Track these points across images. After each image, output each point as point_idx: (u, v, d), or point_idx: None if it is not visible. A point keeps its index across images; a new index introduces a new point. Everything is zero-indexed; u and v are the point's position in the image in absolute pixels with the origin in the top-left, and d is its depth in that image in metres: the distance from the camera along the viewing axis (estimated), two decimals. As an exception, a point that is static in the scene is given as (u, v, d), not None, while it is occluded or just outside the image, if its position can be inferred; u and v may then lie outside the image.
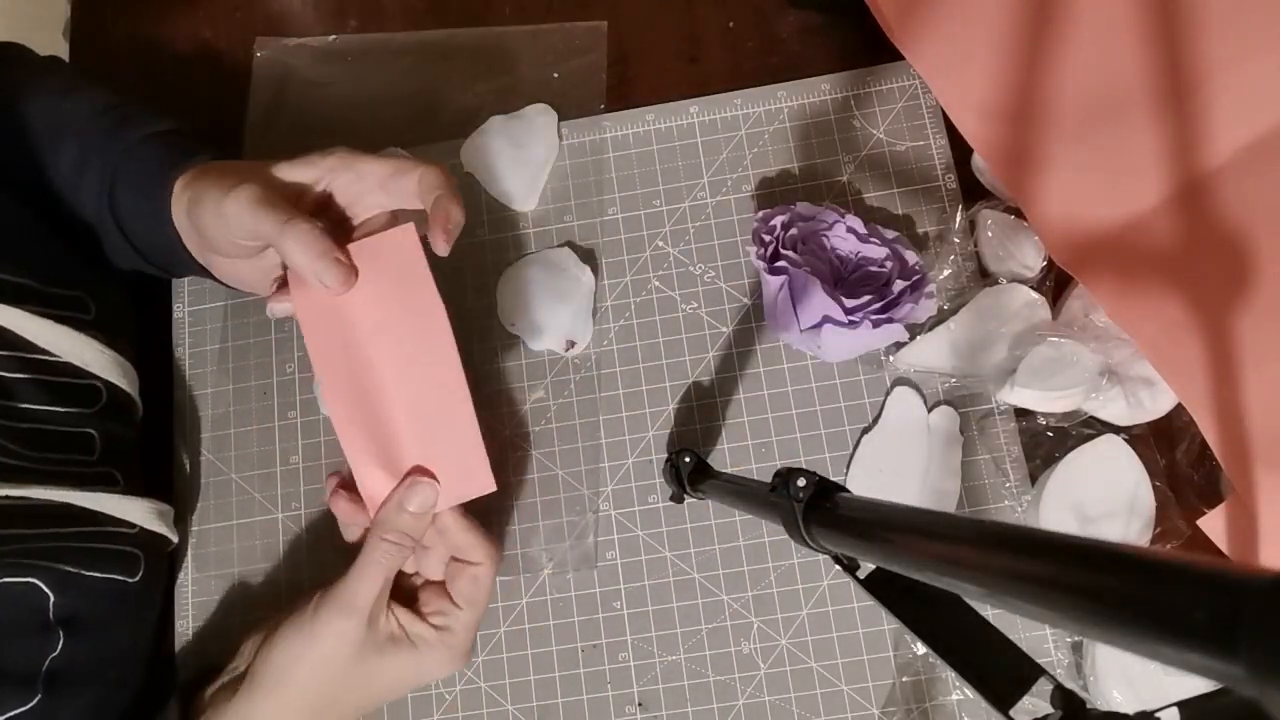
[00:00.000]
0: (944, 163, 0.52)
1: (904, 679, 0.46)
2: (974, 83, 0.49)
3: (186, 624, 0.50)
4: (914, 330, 0.49)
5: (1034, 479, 0.48)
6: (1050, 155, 0.47)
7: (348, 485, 0.43)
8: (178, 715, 0.43)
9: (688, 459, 0.44)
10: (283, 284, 0.43)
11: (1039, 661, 0.26)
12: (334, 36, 0.59)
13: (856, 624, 0.47)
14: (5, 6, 1.38)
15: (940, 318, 0.49)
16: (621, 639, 0.48)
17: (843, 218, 0.49)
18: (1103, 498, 0.45)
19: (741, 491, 0.38)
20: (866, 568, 0.30)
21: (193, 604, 0.50)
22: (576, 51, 0.57)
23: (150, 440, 0.52)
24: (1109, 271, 0.45)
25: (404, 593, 0.44)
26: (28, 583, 0.40)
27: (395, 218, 0.44)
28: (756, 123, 0.54)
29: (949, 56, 0.50)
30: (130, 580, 0.45)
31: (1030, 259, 0.49)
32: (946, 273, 0.50)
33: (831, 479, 0.30)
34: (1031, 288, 0.48)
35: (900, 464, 0.48)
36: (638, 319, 0.52)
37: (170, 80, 0.60)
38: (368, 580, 0.41)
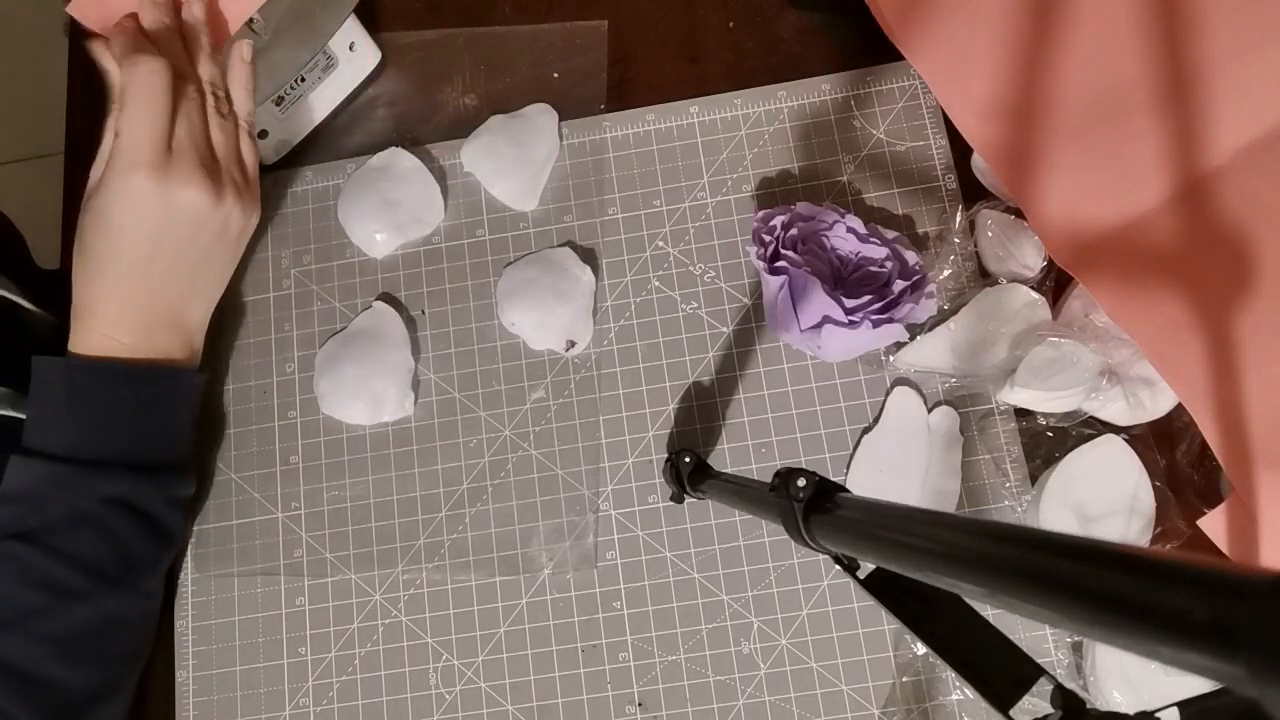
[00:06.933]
0: (944, 163, 0.52)
1: (904, 679, 0.46)
2: (974, 83, 0.49)
3: (186, 624, 0.50)
4: (914, 330, 0.49)
5: (1034, 479, 0.48)
6: (1050, 155, 0.48)
7: None
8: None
9: (688, 459, 0.44)
10: None
11: (1039, 661, 0.26)
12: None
13: (856, 624, 0.47)
14: (6, 6, 1.38)
15: (940, 318, 0.49)
16: (621, 639, 0.48)
17: (843, 218, 0.49)
18: (1103, 498, 0.45)
19: (741, 491, 0.38)
20: (866, 568, 0.30)
21: (192, 604, 0.50)
22: (576, 51, 0.57)
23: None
24: (1109, 271, 0.45)
25: None
26: None
27: None
28: (756, 123, 0.54)
29: (949, 57, 0.50)
30: None
31: (1030, 259, 0.49)
32: (946, 273, 0.50)
33: (831, 479, 0.30)
34: (1031, 288, 0.48)
35: (900, 464, 0.48)
36: (638, 319, 0.52)
37: (170, 80, 0.60)
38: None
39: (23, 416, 0.45)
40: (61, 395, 0.45)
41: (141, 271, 0.46)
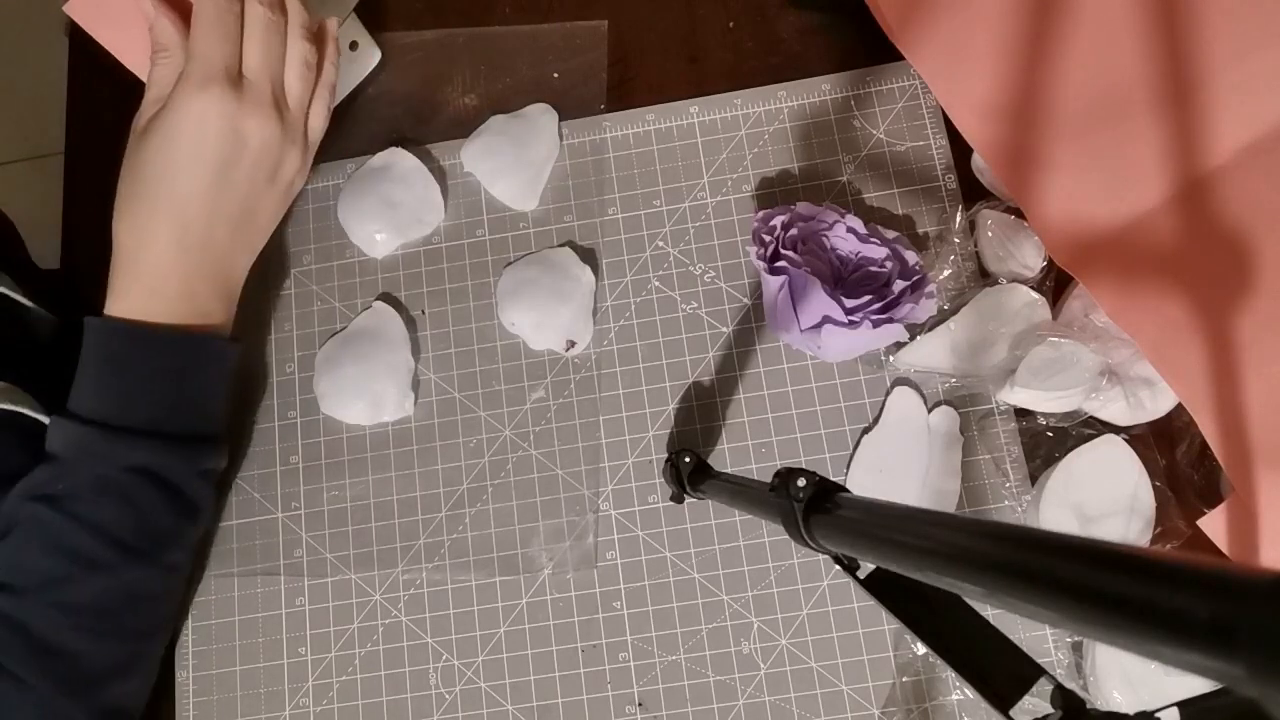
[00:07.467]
0: (944, 163, 0.52)
1: (904, 679, 0.46)
2: (974, 83, 0.49)
3: (186, 624, 0.50)
4: (914, 330, 0.49)
5: (1034, 479, 0.48)
6: (1050, 155, 0.48)
7: None
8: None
9: (688, 459, 0.44)
10: None
11: (1039, 661, 0.26)
12: (334, 36, 0.59)
13: (856, 624, 0.47)
14: (6, 6, 1.38)
15: (940, 318, 0.49)
16: (621, 639, 0.48)
17: (843, 218, 0.49)
18: (1103, 498, 0.45)
19: (741, 491, 0.38)
20: (866, 568, 0.30)
21: (193, 604, 0.50)
22: (576, 51, 0.57)
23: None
24: (1109, 271, 0.45)
25: None
26: None
27: None
28: (756, 123, 0.54)
29: (949, 57, 0.50)
30: None
31: (1030, 259, 0.49)
32: (946, 273, 0.50)
33: (831, 479, 0.30)
34: (1031, 288, 0.48)
35: (900, 464, 0.48)
36: (638, 319, 0.52)
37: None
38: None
39: (22, 411, 0.45)
40: (96, 359, 0.45)
41: (198, 206, 0.45)
